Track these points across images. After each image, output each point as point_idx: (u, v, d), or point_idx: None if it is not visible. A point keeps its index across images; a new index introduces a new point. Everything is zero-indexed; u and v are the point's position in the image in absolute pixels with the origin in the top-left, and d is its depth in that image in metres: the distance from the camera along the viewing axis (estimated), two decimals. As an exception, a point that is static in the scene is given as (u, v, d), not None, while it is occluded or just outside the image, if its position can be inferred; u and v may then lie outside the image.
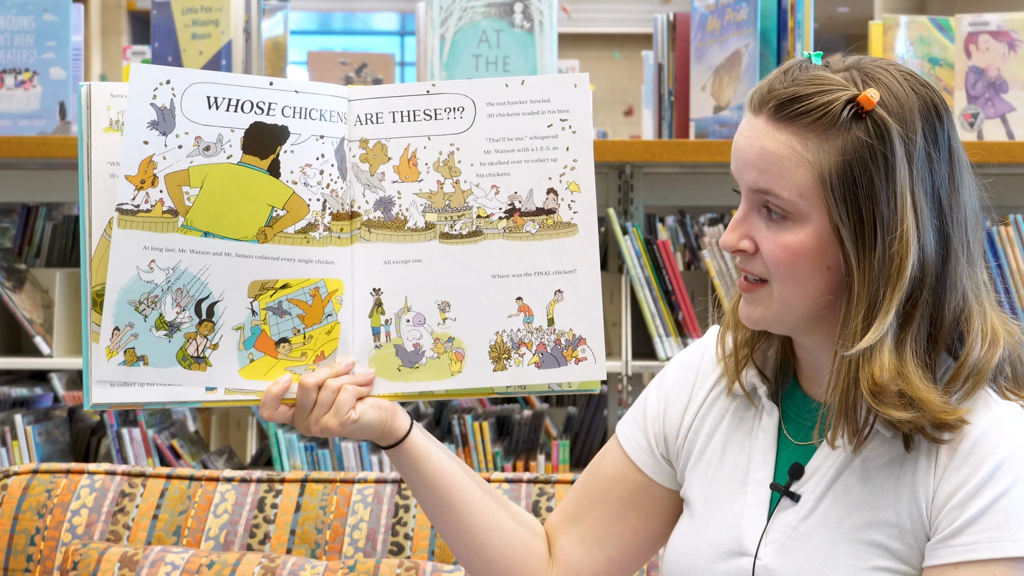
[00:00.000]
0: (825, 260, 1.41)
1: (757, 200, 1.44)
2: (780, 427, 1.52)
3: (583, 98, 1.53)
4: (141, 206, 1.47)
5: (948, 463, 1.39)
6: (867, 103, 1.38)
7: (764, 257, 1.43)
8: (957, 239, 1.42)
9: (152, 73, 1.48)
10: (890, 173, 1.38)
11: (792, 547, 1.45)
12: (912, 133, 1.40)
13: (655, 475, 1.60)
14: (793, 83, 1.41)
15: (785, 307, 1.44)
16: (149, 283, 1.48)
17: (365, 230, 1.53)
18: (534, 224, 1.53)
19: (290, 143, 1.50)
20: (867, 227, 1.39)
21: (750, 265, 1.45)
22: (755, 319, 1.47)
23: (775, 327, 1.47)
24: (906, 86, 1.41)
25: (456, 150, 1.53)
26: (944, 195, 1.41)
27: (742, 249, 1.45)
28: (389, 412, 1.53)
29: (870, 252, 1.39)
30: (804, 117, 1.40)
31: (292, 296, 1.52)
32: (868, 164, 1.38)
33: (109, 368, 1.48)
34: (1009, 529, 1.36)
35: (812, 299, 1.43)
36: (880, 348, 1.38)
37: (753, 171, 1.42)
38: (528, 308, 1.53)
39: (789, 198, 1.40)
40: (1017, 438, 1.39)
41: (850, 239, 1.39)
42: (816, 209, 1.40)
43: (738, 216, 1.46)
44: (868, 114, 1.39)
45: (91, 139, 1.49)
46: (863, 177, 1.38)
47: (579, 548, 1.61)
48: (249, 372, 1.51)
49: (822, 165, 1.39)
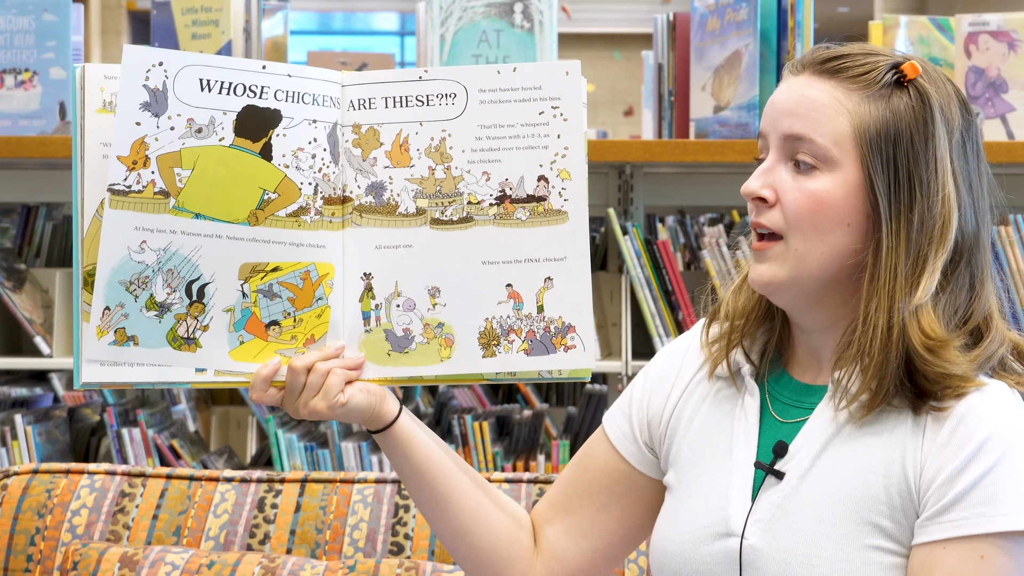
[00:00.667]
0: (848, 215, 1.42)
1: (788, 150, 1.44)
2: (764, 407, 1.51)
3: (575, 86, 1.53)
4: (133, 187, 1.48)
5: (935, 440, 1.40)
6: (912, 70, 1.42)
7: (785, 207, 1.43)
8: (983, 228, 1.45)
9: (145, 55, 1.48)
10: (930, 139, 1.41)
11: (778, 526, 1.44)
12: (951, 111, 1.43)
13: (638, 464, 1.60)
14: (839, 47, 1.45)
15: (800, 264, 1.43)
16: (140, 264, 1.49)
17: (357, 215, 1.54)
18: (525, 211, 1.53)
19: (282, 127, 1.51)
20: (902, 185, 1.41)
21: (765, 217, 1.44)
22: (766, 280, 1.45)
23: (785, 291, 1.45)
24: (942, 76, 1.45)
25: (448, 136, 1.54)
26: (975, 181, 1.45)
27: (762, 197, 1.44)
28: (378, 396, 1.53)
29: (907, 209, 1.40)
30: (849, 71, 1.43)
31: (283, 279, 1.52)
32: (910, 125, 1.41)
33: (99, 347, 1.48)
34: (997, 504, 1.36)
35: (828, 257, 1.42)
36: (926, 306, 1.40)
37: (791, 117, 1.43)
38: (518, 295, 1.54)
39: (823, 143, 1.41)
40: (1003, 414, 1.39)
41: (884, 192, 1.40)
42: (848, 159, 1.42)
43: (764, 166, 1.46)
44: (911, 83, 1.42)
45: (84, 120, 1.50)
46: (904, 136, 1.41)
47: (564, 537, 1.62)
48: (239, 354, 1.52)
49: (863, 117, 1.41)
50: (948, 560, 1.37)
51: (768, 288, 1.46)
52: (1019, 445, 1.38)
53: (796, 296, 1.46)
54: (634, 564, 1.92)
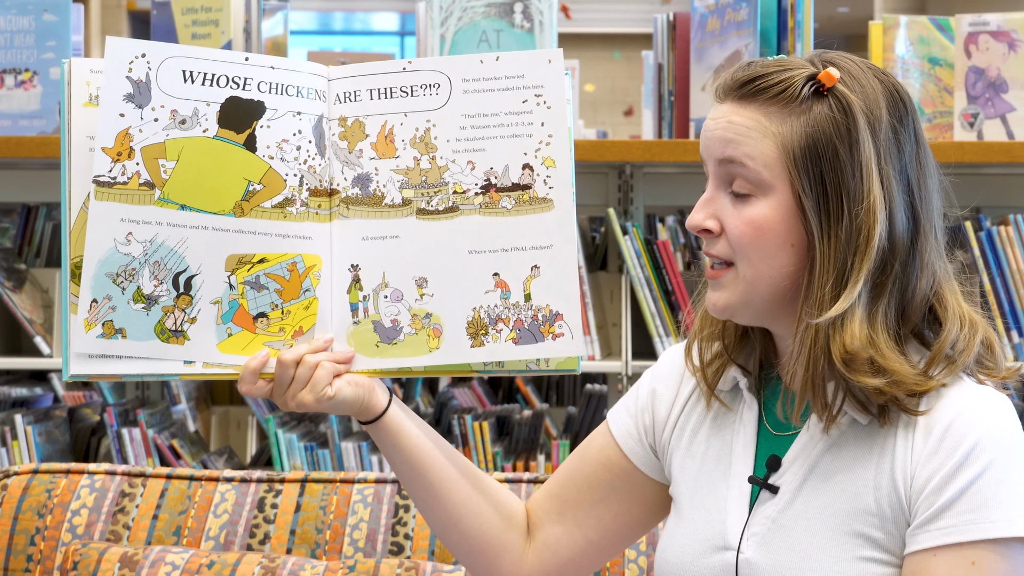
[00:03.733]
0: (789, 237, 1.42)
1: (724, 176, 1.45)
2: (760, 420, 1.52)
3: (557, 73, 1.53)
4: (118, 178, 1.48)
5: (923, 448, 1.40)
6: (828, 79, 1.42)
7: (729, 236, 1.44)
8: (926, 218, 1.44)
9: (128, 47, 1.49)
10: (855, 146, 1.41)
11: (773, 539, 1.45)
12: (876, 110, 1.42)
13: (640, 463, 1.61)
14: (755, 67, 1.45)
15: (751, 289, 1.44)
16: (127, 256, 1.49)
17: (344, 207, 1.54)
18: (510, 200, 1.54)
19: (266, 118, 1.51)
20: (831, 199, 1.41)
21: (715, 247, 1.46)
22: (721, 306, 1.47)
23: (741, 313, 1.47)
24: (868, 73, 1.45)
25: (432, 126, 1.54)
26: (912, 173, 1.44)
27: (707, 229, 1.46)
28: (367, 389, 1.53)
29: (836, 223, 1.41)
30: (766, 93, 1.43)
31: (269, 271, 1.52)
32: (832, 137, 1.41)
33: (87, 340, 1.49)
34: (986, 511, 1.36)
35: (777, 278, 1.43)
36: (851, 317, 1.40)
37: (720, 143, 1.44)
38: (505, 284, 1.54)
39: (754, 168, 1.42)
40: (990, 420, 1.39)
41: (813, 210, 1.41)
42: (780, 182, 1.42)
43: (704, 197, 1.47)
44: (830, 91, 1.42)
45: (71, 114, 1.50)
46: (827, 149, 1.41)
47: (558, 527, 1.62)
48: (227, 346, 1.52)
49: (786, 137, 1.42)
50: (939, 567, 1.37)
51: (725, 313, 1.48)
52: (1007, 451, 1.38)
53: (755, 315, 1.48)
54: (634, 564, 1.92)
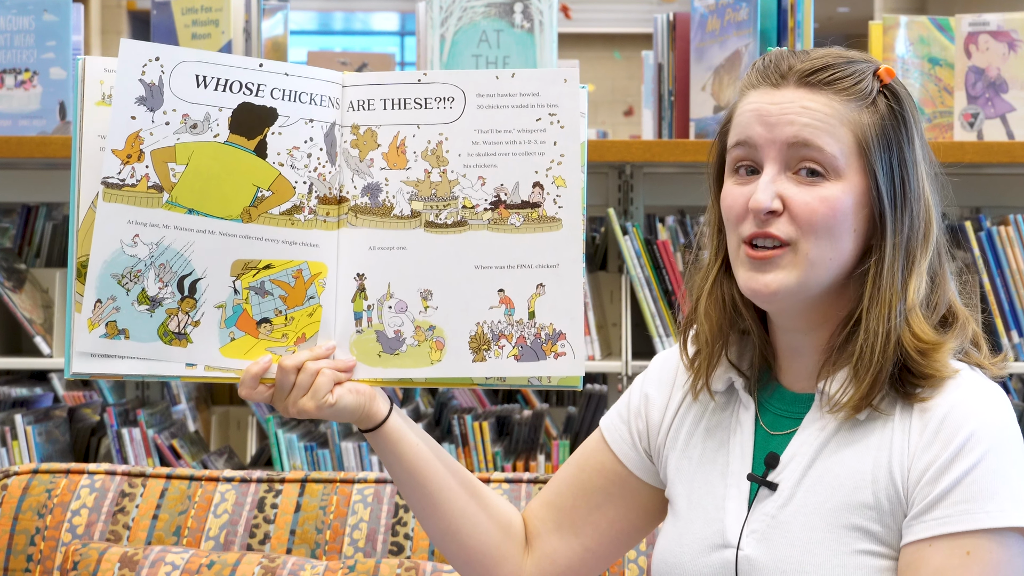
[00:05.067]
0: (854, 222, 1.44)
1: (792, 157, 1.43)
2: (757, 419, 1.52)
3: (572, 93, 1.53)
4: (127, 180, 1.49)
5: (920, 440, 1.41)
6: (888, 75, 1.45)
7: (796, 215, 1.42)
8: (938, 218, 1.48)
9: (141, 49, 1.49)
10: (911, 143, 1.45)
11: (772, 536, 1.46)
12: (917, 114, 1.47)
13: (635, 468, 1.61)
14: (816, 57, 1.46)
15: (811, 270, 1.43)
16: (132, 257, 1.49)
17: (352, 215, 1.54)
18: (519, 217, 1.54)
19: (278, 125, 1.51)
20: (898, 191, 1.43)
21: (776, 227, 1.43)
22: (773, 288, 1.44)
23: (792, 296, 1.44)
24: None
25: (444, 139, 1.54)
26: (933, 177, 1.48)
27: (774, 210, 1.43)
28: (367, 397, 1.54)
29: (903, 214, 1.43)
30: (839, 83, 1.44)
31: (275, 277, 1.52)
32: (899, 131, 1.44)
33: (90, 340, 1.49)
34: (980, 501, 1.37)
35: (838, 263, 1.44)
36: (916, 309, 1.43)
37: (794, 126, 1.43)
38: (510, 300, 1.54)
39: (831, 152, 1.42)
40: (985, 411, 1.41)
41: (889, 201, 1.43)
42: (853, 170, 1.43)
43: (766, 178, 1.44)
44: (886, 87, 1.45)
45: (83, 112, 1.51)
46: (894, 142, 1.44)
47: (556, 536, 1.62)
48: (230, 351, 1.52)
49: (862, 126, 1.43)
50: (934, 557, 1.38)
51: (774, 298, 1.45)
52: (1001, 441, 1.40)
53: (796, 302, 1.46)
54: (634, 564, 1.92)
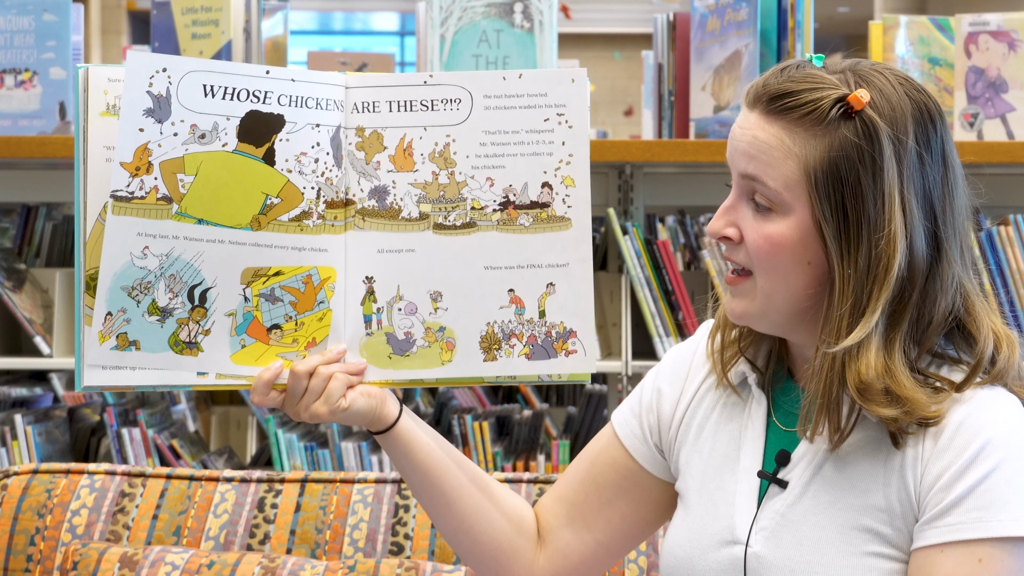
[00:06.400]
0: (806, 255, 1.43)
1: (747, 188, 1.46)
2: (769, 415, 1.53)
3: (580, 93, 1.54)
4: (136, 192, 1.48)
5: (934, 447, 1.40)
6: (856, 103, 1.40)
7: (747, 247, 1.45)
8: (949, 242, 1.43)
9: (148, 61, 1.48)
10: (878, 174, 1.40)
11: (781, 534, 1.46)
12: (903, 135, 1.41)
13: (647, 463, 1.62)
14: (787, 80, 1.44)
15: (767, 301, 1.45)
16: (142, 269, 1.49)
17: (359, 218, 1.54)
18: (528, 217, 1.54)
19: (285, 131, 1.51)
20: (852, 225, 1.40)
21: (735, 254, 1.47)
22: (738, 313, 1.48)
23: (758, 323, 1.48)
24: (900, 90, 1.43)
25: (452, 141, 1.54)
26: (936, 198, 1.43)
27: (727, 236, 1.46)
28: (379, 399, 1.54)
29: (855, 250, 1.40)
30: (793, 112, 1.42)
31: (285, 283, 1.52)
32: (855, 163, 1.40)
33: (101, 352, 1.49)
34: (993, 509, 1.37)
35: (793, 294, 1.44)
36: (867, 346, 1.40)
37: (744, 158, 1.45)
38: (520, 300, 1.54)
39: (775, 187, 1.42)
40: (1001, 420, 1.40)
41: (832, 236, 1.41)
42: (800, 203, 1.42)
43: (726, 204, 1.48)
44: (857, 114, 1.40)
45: (87, 123, 1.50)
46: (850, 175, 1.40)
47: (568, 531, 1.63)
48: (240, 358, 1.52)
49: (808, 159, 1.41)
50: (945, 563, 1.38)
51: (742, 320, 1.49)
52: (1017, 450, 1.39)
53: (772, 325, 1.48)
54: (634, 564, 1.92)
